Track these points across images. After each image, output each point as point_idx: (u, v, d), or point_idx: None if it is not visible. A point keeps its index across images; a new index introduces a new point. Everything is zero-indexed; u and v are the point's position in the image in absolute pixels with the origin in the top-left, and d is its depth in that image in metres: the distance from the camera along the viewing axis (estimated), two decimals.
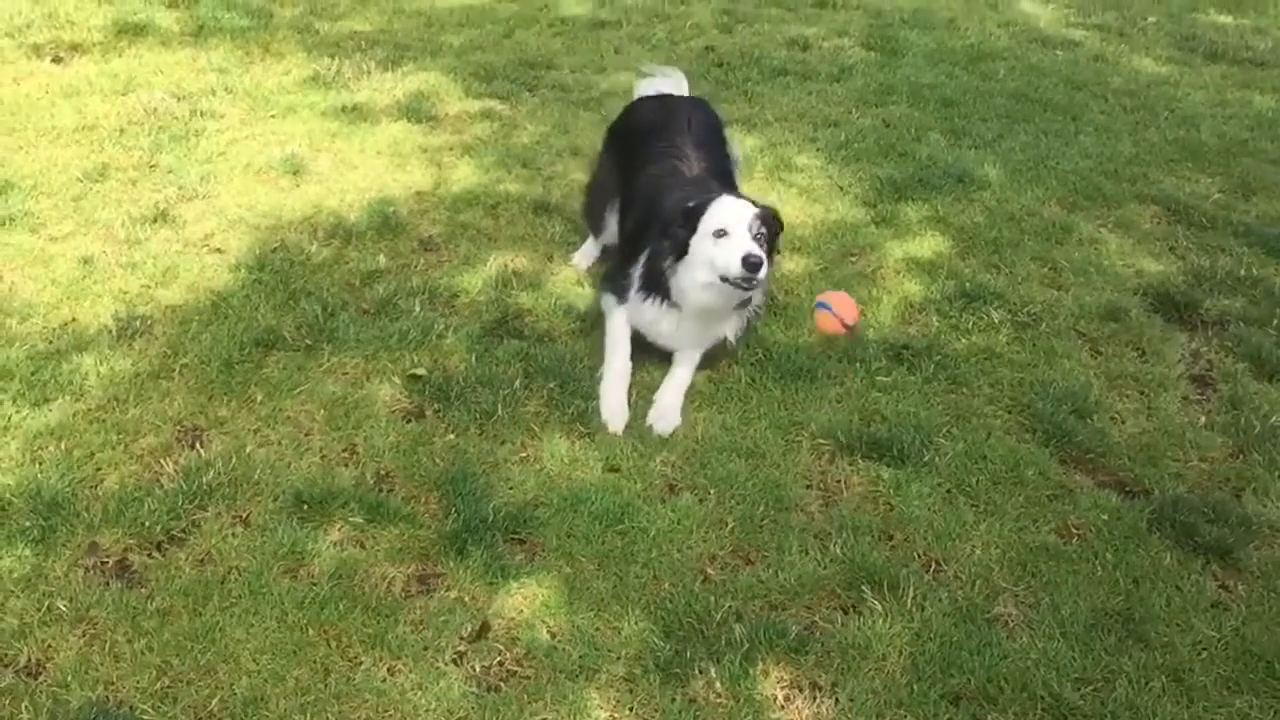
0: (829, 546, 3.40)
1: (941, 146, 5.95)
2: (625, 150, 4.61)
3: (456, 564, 3.25)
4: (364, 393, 3.91)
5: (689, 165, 4.34)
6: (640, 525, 3.44)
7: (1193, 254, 5.04)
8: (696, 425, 3.89)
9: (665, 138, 4.44)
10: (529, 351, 4.17)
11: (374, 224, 4.95)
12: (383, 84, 6.39)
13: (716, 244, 3.80)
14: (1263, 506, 3.61)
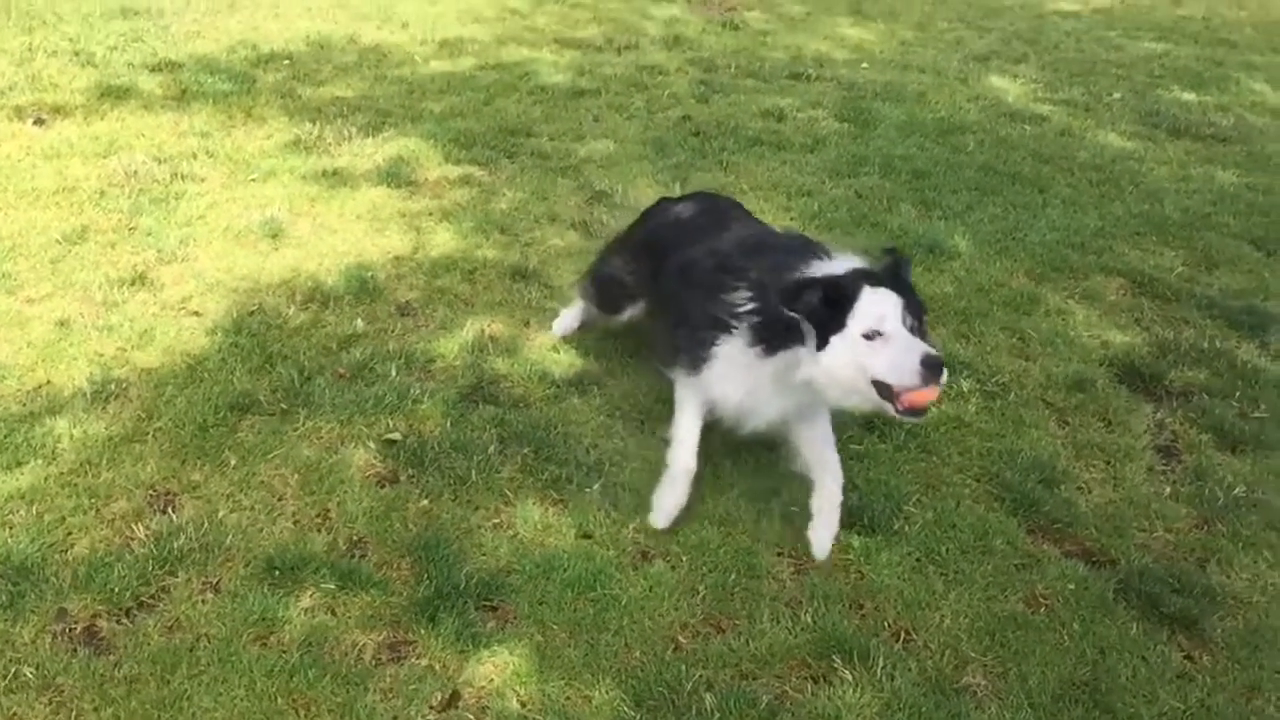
0: (800, 615, 3.42)
1: (912, 217, 6.06)
2: (657, 257, 4.04)
3: (428, 631, 3.25)
4: (338, 457, 3.92)
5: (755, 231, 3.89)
6: (612, 593, 3.45)
7: (1157, 326, 5.14)
8: None
9: (707, 230, 3.95)
10: (504, 417, 4.20)
11: (352, 288, 4.99)
12: (363, 149, 6.47)
13: (870, 346, 3.18)
14: (1227, 577, 3.66)
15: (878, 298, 3.22)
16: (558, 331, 4.75)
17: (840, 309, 3.21)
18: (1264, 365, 4.83)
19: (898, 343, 3.16)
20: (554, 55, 8.45)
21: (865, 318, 3.19)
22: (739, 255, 3.63)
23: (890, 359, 3.15)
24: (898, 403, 3.17)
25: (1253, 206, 6.42)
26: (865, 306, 3.21)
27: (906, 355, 3.12)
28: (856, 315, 3.20)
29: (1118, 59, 9.12)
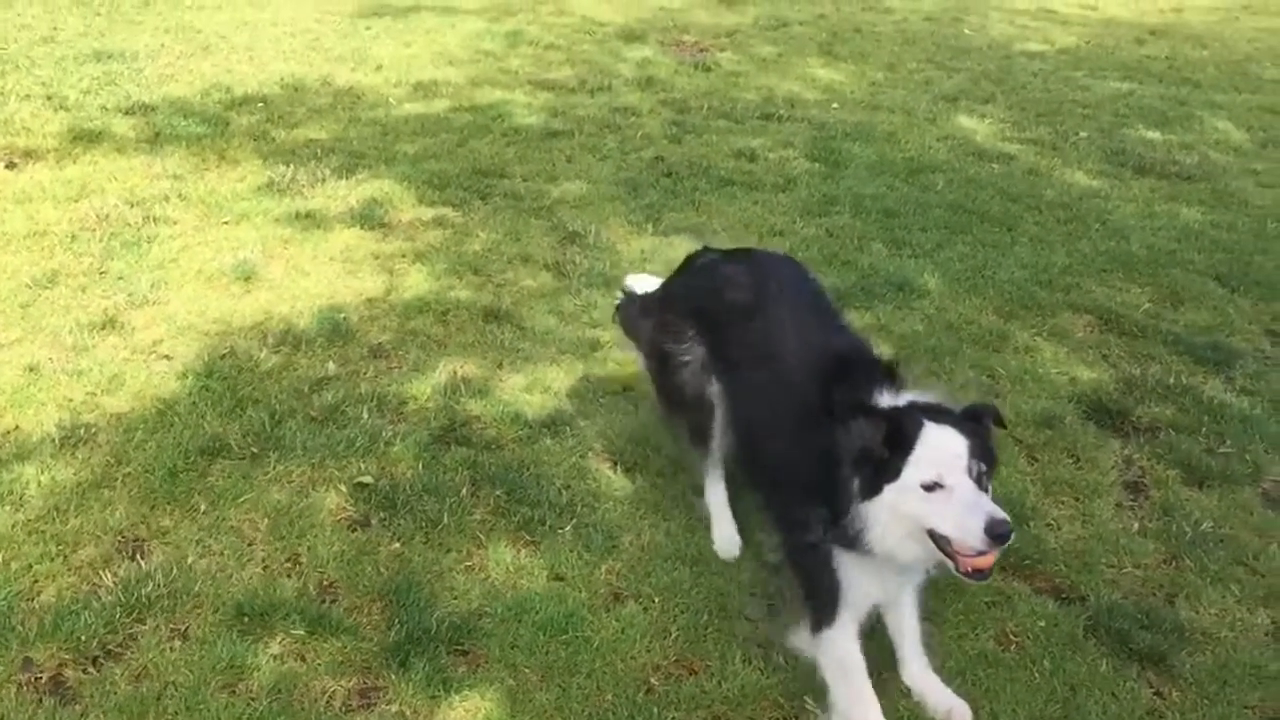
0: (772, 655, 3.42)
1: (883, 256, 6.12)
2: (714, 332, 3.70)
3: (398, 676, 3.23)
4: (309, 501, 3.91)
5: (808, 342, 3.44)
6: (584, 635, 3.45)
7: (1124, 362, 5.20)
8: (642, 533, 3.91)
9: (763, 308, 3.57)
10: (476, 459, 4.20)
11: (324, 330, 4.99)
12: (337, 191, 6.49)
13: (929, 499, 2.85)
14: (1195, 613, 3.69)
15: (941, 440, 2.85)
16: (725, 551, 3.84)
17: (897, 451, 2.86)
18: (1229, 400, 4.89)
19: (961, 498, 2.80)
20: (527, 97, 8.52)
21: (925, 465, 2.83)
22: (810, 381, 3.25)
23: (953, 517, 2.81)
24: (959, 561, 2.86)
25: (1217, 243, 6.52)
26: (926, 451, 2.86)
27: (970, 515, 2.77)
28: (915, 461, 2.85)
29: (1084, 98, 9.26)
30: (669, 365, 3.82)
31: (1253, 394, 4.95)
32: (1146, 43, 11.17)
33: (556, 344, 5.06)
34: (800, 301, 3.62)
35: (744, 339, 3.55)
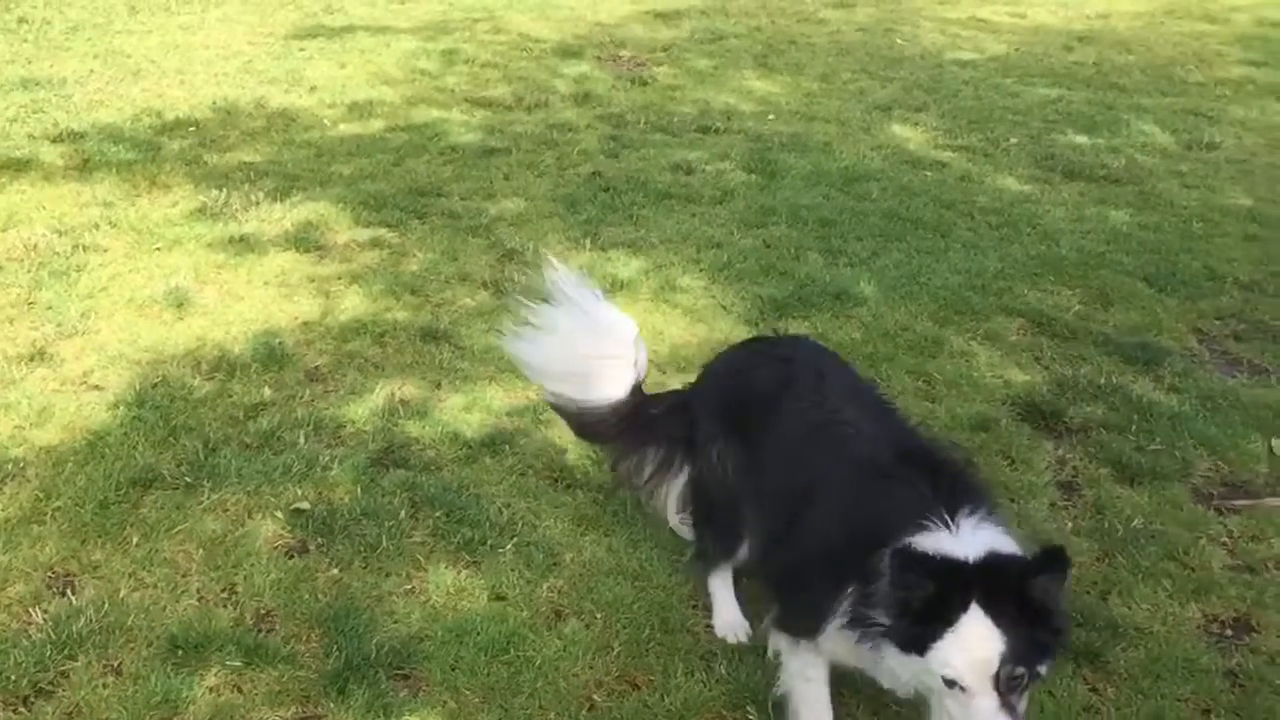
0: (714, 667, 3.44)
1: (819, 265, 6.17)
2: (739, 425, 3.44)
3: (338, 704, 3.21)
4: (245, 530, 3.87)
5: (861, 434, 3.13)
6: (526, 654, 3.44)
7: (1057, 364, 5.28)
8: (583, 549, 3.91)
9: (806, 397, 3.31)
10: (415, 481, 4.18)
11: (259, 356, 4.94)
12: (271, 214, 6.43)
13: (945, 689, 2.59)
14: (1128, 609, 3.75)
15: (976, 639, 2.51)
16: (728, 633, 3.60)
17: (931, 623, 2.55)
18: (1158, 399, 4.98)
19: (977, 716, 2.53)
20: (464, 115, 8.50)
21: (951, 662, 2.53)
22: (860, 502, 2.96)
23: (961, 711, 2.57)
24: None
25: (1144, 245, 6.64)
26: (956, 646, 2.52)
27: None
28: (941, 651, 2.54)
29: (1014, 105, 9.40)
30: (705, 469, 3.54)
31: (1181, 391, 5.05)
32: (1074, 49, 11.36)
33: (496, 362, 5.04)
34: (857, 397, 3.35)
35: (774, 420, 3.31)
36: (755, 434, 3.36)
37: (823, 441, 3.18)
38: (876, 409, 3.34)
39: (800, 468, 3.19)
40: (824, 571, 2.92)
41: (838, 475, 3.07)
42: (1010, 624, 2.50)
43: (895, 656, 2.68)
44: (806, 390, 3.32)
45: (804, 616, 3.02)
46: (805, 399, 3.29)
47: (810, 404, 3.27)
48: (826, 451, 3.15)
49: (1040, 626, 2.54)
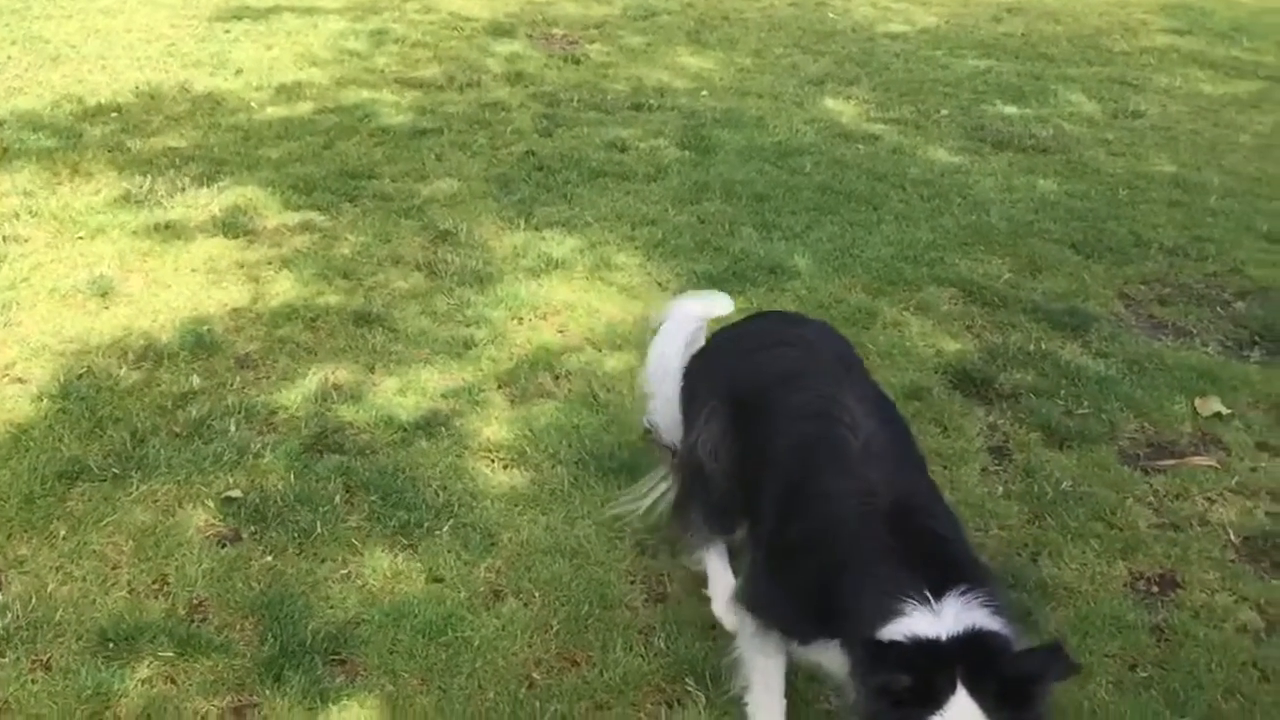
0: (653, 641, 3.45)
1: (754, 240, 6.19)
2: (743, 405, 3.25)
3: (273, 691, 3.18)
4: (175, 520, 3.82)
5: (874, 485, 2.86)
6: (464, 635, 3.43)
7: (987, 332, 5.35)
8: (520, 529, 3.91)
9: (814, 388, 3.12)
10: (350, 465, 4.15)
11: (187, 344, 4.86)
12: (198, 200, 6.31)
13: None
14: (1057, 569, 3.82)
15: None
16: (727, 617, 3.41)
17: (914, 708, 2.41)
18: (1086, 363, 5.07)
19: None
20: (394, 95, 8.39)
21: None
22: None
23: None
24: None
25: (1072, 213, 6.74)
26: None
27: None
28: None
29: (944, 77, 9.48)
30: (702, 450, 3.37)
31: (1108, 356, 5.15)
32: (1003, 20, 11.47)
33: (430, 345, 5.02)
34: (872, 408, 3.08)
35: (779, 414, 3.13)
36: (758, 419, 3.19)
37: (825, 454, 2.96)
38: (891, 426, 3.11)
39: (798, 475, 2.99)
40: (800, 607, 2.85)
41: (833, 510, 2.85)
42: (994, 706, 2.37)
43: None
44: (820, 383, 3.14)
45: (772, 622, 2.97)
46: (817, 392, 3.10)
47: (821, 399, 3.06)
48: (824, 467, 2.95)
49: (1023, 709, 2.40)
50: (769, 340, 3.41)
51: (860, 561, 2.71)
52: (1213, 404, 4.76)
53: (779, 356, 3.29)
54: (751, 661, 3.10)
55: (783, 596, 2.92)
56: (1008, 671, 2.40)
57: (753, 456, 3.15)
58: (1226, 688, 3.33)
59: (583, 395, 4.68)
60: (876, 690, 2.45)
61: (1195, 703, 3.26)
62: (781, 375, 3.22)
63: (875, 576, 2.65)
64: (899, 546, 2.68)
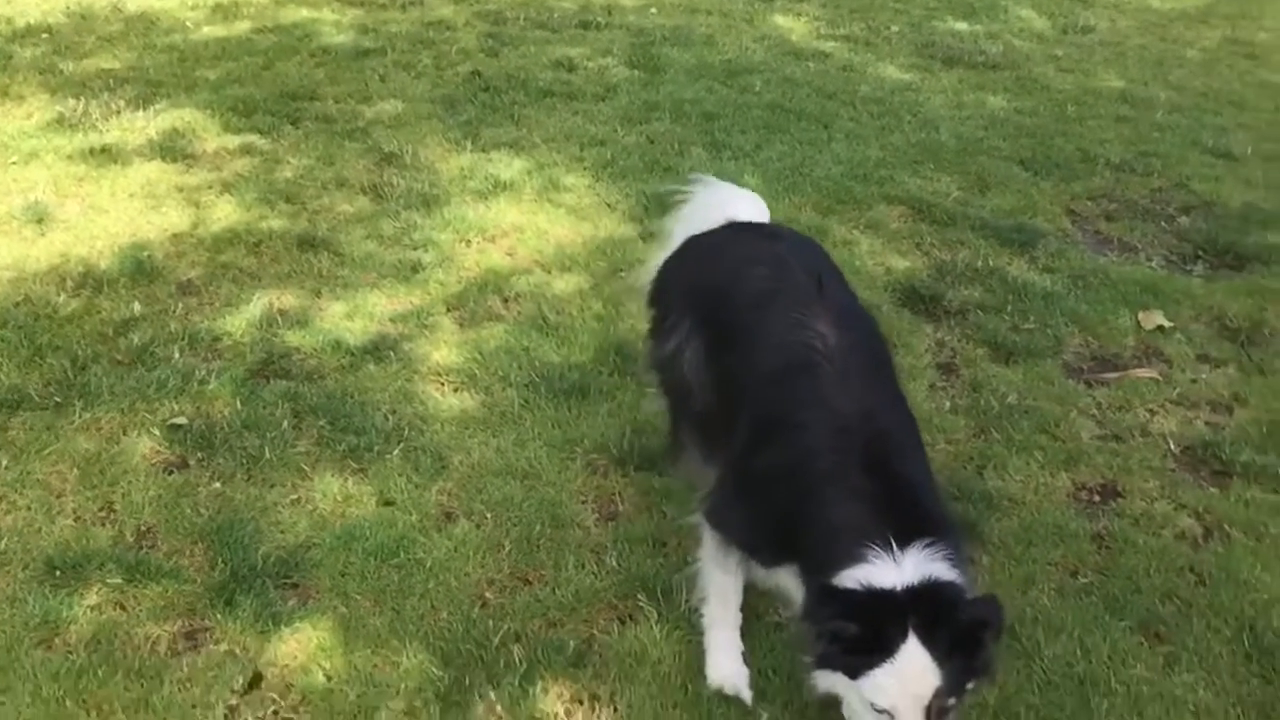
0: (605, 559, 3.48)
1: (704, 160, 6.14)
2: (713, 321, 3.20)
3: (225, 616, 3.17)
4: (120, 448, 3.77)
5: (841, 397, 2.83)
6: (416, 557, 3.44)
7: (936, 249, 5.37)
8: (471, 451, 3.90)
9: (793, 314, 3.00)
10: (297, 391, 4.11)
11: (127, 270, 4.77)
12: (134, 123, 6.15)
13: (876, 715, 2.49)
14: (1001, 481, 3.88)
15: (912, 671, 2.42)
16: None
17: (864, 654, 2.46)
18: (1033, 279, 5.11)
19: None
20: (336, 14, 8.19)
21: (883, 692, 2.45)
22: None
23: None
24: None
25: (1020, 129, 6.75)
26: (891, 677, 2.43)
27: None
28: (875, 680, 2.46)
29: None
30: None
31: (1054, 271, 5.19)
32: None
33: (377, 269, 4.96)
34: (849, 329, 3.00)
35: (754, 338, 3.07)
36: (733, 347, 3.10)
37: (799, 381, 2.90)
38: (868, 351, 3.05)
39: (773, 406, 2.93)
40: (764, 532, 2.86)
41: (805, 443, 2.80)
42: (946, 655, 2.42)
43: (824, 678, 2.59)
44: (795, 305, 3.01)
45: (735, 543, 2.98)
46: (793, 315, 2.99)
47: (796, 323, 2.96)
48: (799, 397, 2.88)
49: (972, 657, 2.46)
50: (742, 258, 3.30)
51: (829, 499, 2.69)
52: (1155, 317, 4.83)
53: (752, 276, 3.19)
54: (710, 575, 3.14)
55: (748, 520, 2.92)
56: (960, 620, 2.43)
57: (731, 384, 3.09)
58: (1164, 592, 3.42)
59: (532, 318, 4.66)
60: (825, 635, 2.50)
61: (1134, 607, 3.34)
62: (755, 297, 3.13)
63: (843, 517, 2.64)
64: (870, 489, 2.65)
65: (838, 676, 2.54)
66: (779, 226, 3.49)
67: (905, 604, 2.44)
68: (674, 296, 3.42)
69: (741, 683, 3.03)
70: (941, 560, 2.53)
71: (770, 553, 2.89)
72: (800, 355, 2.90)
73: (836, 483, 2.69)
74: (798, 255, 3.29)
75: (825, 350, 2.89)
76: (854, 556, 2.54)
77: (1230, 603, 3.36)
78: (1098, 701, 3.03)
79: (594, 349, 4.47)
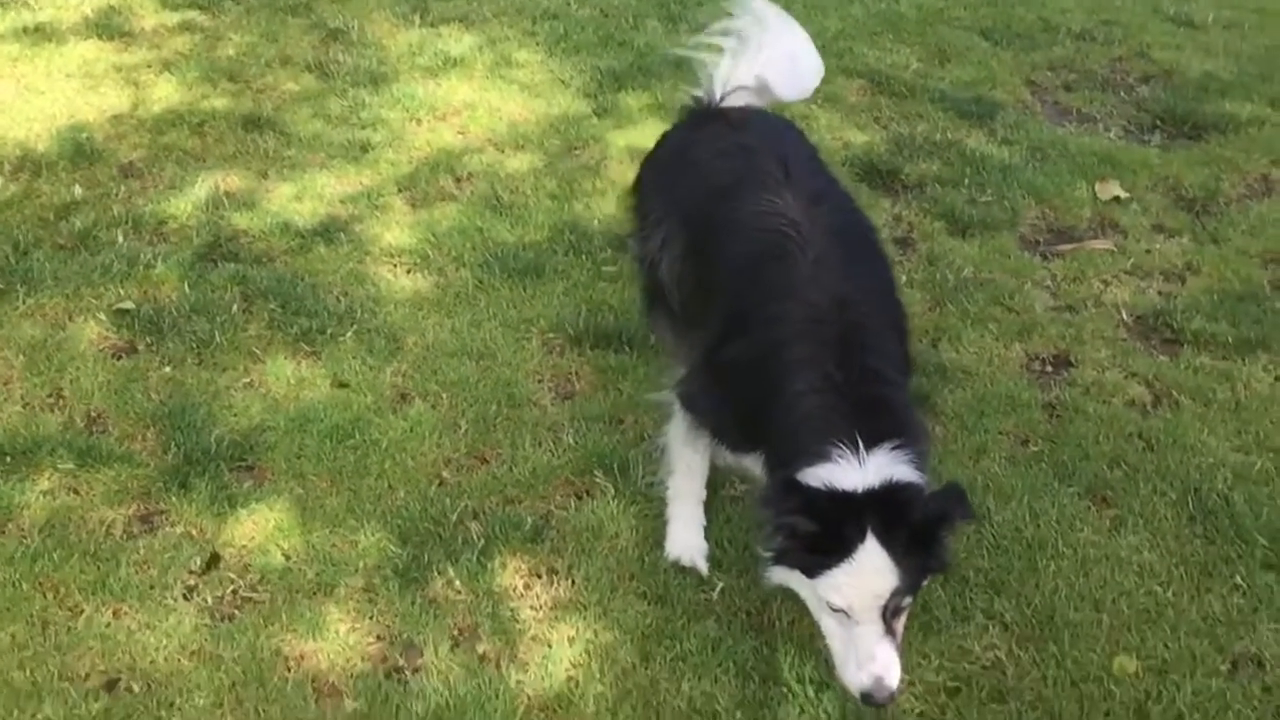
0: (562, 437, 3.48)
1: (659, 33, 5.99)
2: (695, 235, 3.13)
3: (180, 498, 3.17)
4: (67, 334, 3.72)
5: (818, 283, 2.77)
6: (372, 438, 3.43)
7: (895, 123, 5.31)
8: (426, 332, 3.87)
9: (763, 202, 2.94)
10: (246, 274, 4.04)
11: (66, 153, 4.65)
12: (68, 0, 5.91)
13: (832, 614, 2.51)
14: (956, 353, 3.90)
15: (870, 569, 2.42)
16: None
17: (822, 553, 2.46)
18: (991, 151, 5.07)
19: (860, 645, 2.46)
20: None
21: (841, 591, 2.45)
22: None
23: (841, 651, 2.51)
24: None
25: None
26: (849, 575, 2.43)
27: (856, 668, 2.46)
28: (833, 579, 2.45)
29: None
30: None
31: (1012, 143, 5.15)
32: None
33: (325, 148, 4.85)
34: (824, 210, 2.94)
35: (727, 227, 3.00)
36: (707, 244, 3.06)
37: (770, 271, 2.84)
38: (845, 237, 2.95)
39: (747, 299, 2.88)
40: (733, 421, 2.86)
41: (778, 335, 2.74)
42: (904, 555, 2.42)
43: (779, 572, 2.61)
44: (765, 194, 2.93)
45: (705, 425, 2.98)
46: (762, 203, 2.92)
47: (766, 212, 2.90)
48: (771, 288, 2.82)
49: (930, 555, 2.48)
50: (710, 152, 3.23)
51: (799, 391, 2.64)
52: (1112, 188, 4.82)
53: (720, 170, 3.12)
54: (678, 451, 3.15)
55: (719, 405, 2.91)
56: (917, 518, 2.44)
57: (705, 279, 3.06)
58: (1112, 458, 3.47)
59: (486, 197, 4.58)
60: (783, 528, 2.50)
61: (1082, 473, 3.39)
62: (724, 191, 3.05)
63: (810, 411, 2.61)
64: (841, 384, 2.60)
65: (794, 574, 2.56)
66: (749, 112, 3.34)
67: (865, 506, 2.43)
68: (652, 196, 3.39)
69: (699, 557, 3.08)
70: (905, 463, 2.52)
71: (738, 440, 2.91)
72: (772, 244, 2.84)
73: (807, 375, 2.64)
74: (767, 142, 3.20)
75: (798, 238, 2.82)
76: (819, 454, 2.52)
77: (1176, 467, 3.42)
78: (1045, 564, 3.09)
79: (549, 228, 4.41)
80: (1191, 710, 2.71)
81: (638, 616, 2.92)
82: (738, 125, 3.31)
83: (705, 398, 2.96)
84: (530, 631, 2.88)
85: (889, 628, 2.48)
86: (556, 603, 2.96)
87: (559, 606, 2.95)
